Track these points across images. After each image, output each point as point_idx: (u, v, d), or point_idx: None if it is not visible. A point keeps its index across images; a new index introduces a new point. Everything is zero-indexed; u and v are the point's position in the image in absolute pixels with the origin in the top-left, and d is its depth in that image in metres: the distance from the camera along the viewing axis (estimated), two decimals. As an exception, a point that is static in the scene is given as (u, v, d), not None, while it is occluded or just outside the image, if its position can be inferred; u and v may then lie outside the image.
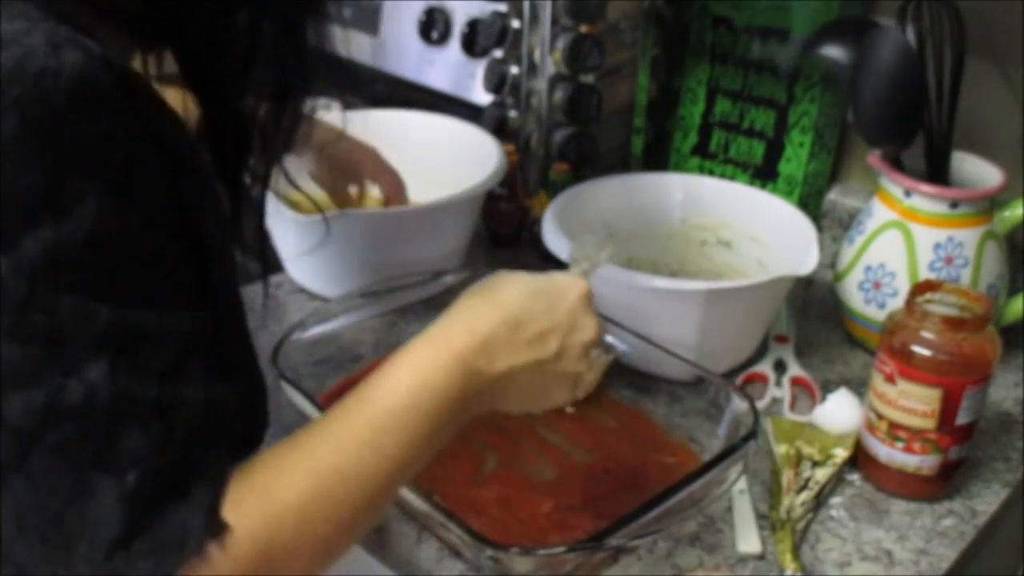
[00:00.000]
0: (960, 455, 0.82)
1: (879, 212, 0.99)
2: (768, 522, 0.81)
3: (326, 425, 0.58)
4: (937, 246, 0.95)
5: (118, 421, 0.48)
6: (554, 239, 0.96)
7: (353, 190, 1.09)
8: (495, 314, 0.64)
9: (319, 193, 1.10)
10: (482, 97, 1.23)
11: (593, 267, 0.74)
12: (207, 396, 0.52)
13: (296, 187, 0.70)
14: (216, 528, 0.50)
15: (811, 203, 1.20)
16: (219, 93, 0.60)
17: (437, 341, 0.62)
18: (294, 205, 0.96)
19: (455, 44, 1.32)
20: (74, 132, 0.45)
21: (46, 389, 0.46)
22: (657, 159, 1.31)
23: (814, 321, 1.09)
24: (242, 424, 0.56)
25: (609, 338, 0.95)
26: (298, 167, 0.98)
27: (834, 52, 0.98)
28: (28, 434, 0.46)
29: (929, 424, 0.80)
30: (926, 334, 0.79)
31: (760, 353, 1.01)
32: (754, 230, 1.07)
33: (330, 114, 1.13)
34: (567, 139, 1.16)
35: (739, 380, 0.98)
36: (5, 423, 0.46)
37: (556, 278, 0.69)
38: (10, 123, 0.44)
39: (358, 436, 0.57)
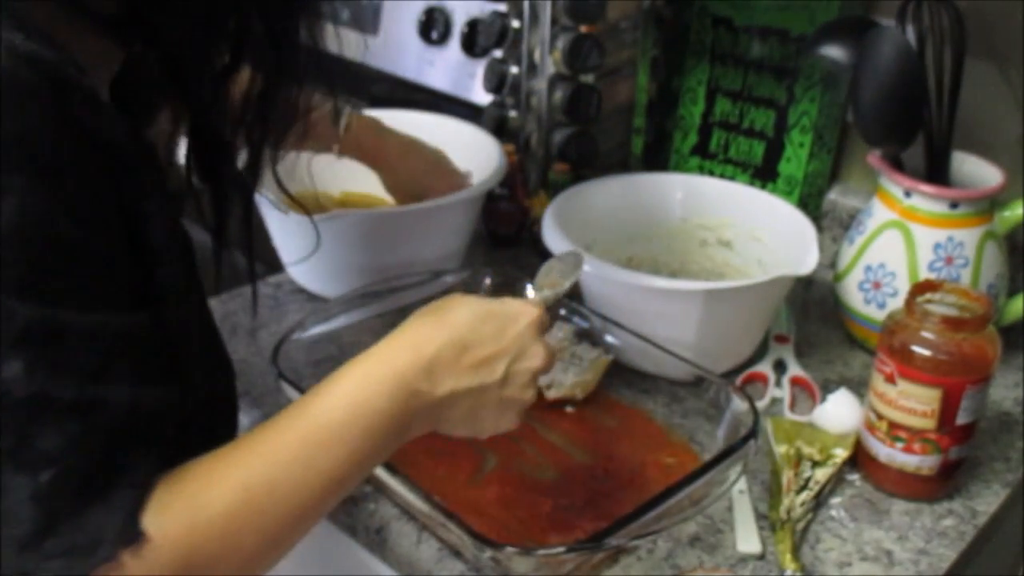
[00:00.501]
0: (960, 455, 0.82)
1: (879, 212, 0.99)
2: (768, 522, 0.81)
3: (261, 437, 0.56)
4: (937, 246, 0.96)
5: (33, 419, 0.47)
6: (554, 239, 0.96)
7: None
8: (442, 335, 0.63)
9: (320, 192, 1.10)
10: (482, 97, 1.23)
11: (555, 295, 0.73)
12: (132, 399, 0.51)
13: (282, 188, 0.70)
14: (133, 533, 0.50)
15: (811, 203, 1.20)
16: (199, 93, 0.60)
17: (380, 359, 0.61)
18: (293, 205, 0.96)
19: (455, 44, 1.32)
20: None
21: None
22: (657, 159, 1.31)
23: (814, 321, 1.09)
24: (174, 428, 0.54)
25: (609, 338, 0.95)
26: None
27: (834, 52, 0.98)
28: None
29: (929, 424, 0.80)
30: (926, 334, 0.79)
31: (760, 353, 1.01)
32: (754, 230, 1.07)
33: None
34: (567, 139, 1.16)
35: (739, 380, 0.98)
36: None
37: (508, 303, 0.67)
38: None
39: (291, 450, 0.56)
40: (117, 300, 0.51)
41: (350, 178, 1.12)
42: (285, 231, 1.05)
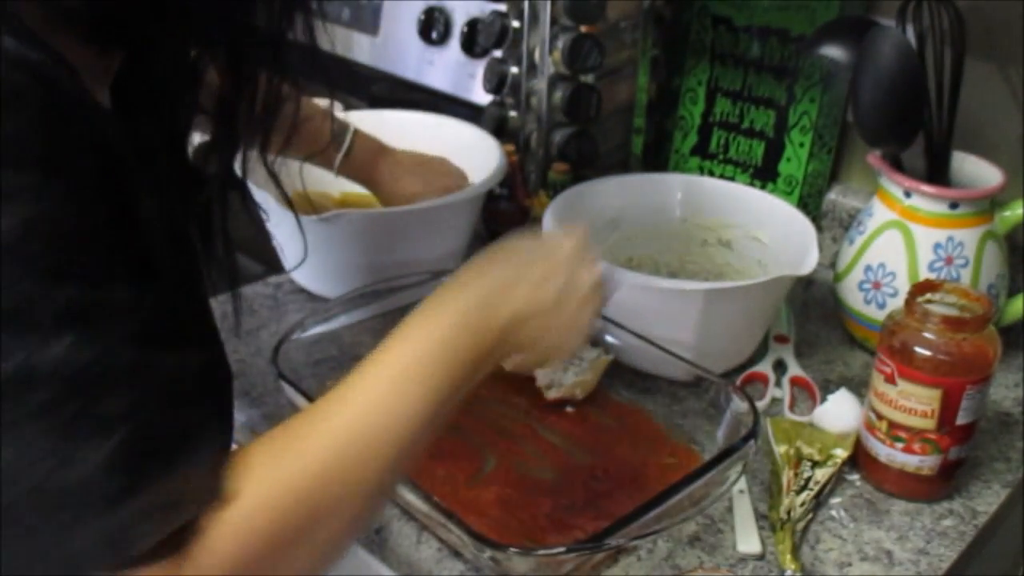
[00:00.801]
0: (960, 455, 0.82)
1: (879, 212, 0.99)
2: (768, 522, 0.81)
3: (344, 391, 0.57)
4: (937, 246, 0.96)
5: (92, 388, 0.48)
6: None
7: None
8: (496, 268, 0.67)
9: (319, 192, 1.10)
10: (482, 97, 1.23)
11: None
12: (181, 361, 0.52)
13: (277, 182, 0.69)
14: (216, 490, 0.51)
15: (811, 203, 1.20)
16: (181, 94, 0.60)
17: (444, 299, 0.64)
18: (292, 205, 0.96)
19: (455, 44, 1.32)
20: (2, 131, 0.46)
21: (14, 359, 0.46)
22: (657, 159, 1.31)
23: (814, 321, 1.09)
24: (229, 389, 0.56)
25: (609, 338, 0.95)
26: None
27: (834, 52, 0.98)
28: (2, 402, 0.46)
29: (929, 424, 0.80)
30: (926, 334, 0.79)
31: (760, 353, 1.01)
32: (754, 230, 1.07)
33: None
34: (567, 139, 1.16)
35: (739, 380, 0.98)
36: None
37: (549, 235, 0.71)
38: None
39: (377, 396, 0.57)
40: (138, 275, 0.52)
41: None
42: (284, 233, 1.05)
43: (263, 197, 0.88)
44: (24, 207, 0.46)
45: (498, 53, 1.17)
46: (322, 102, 1.03)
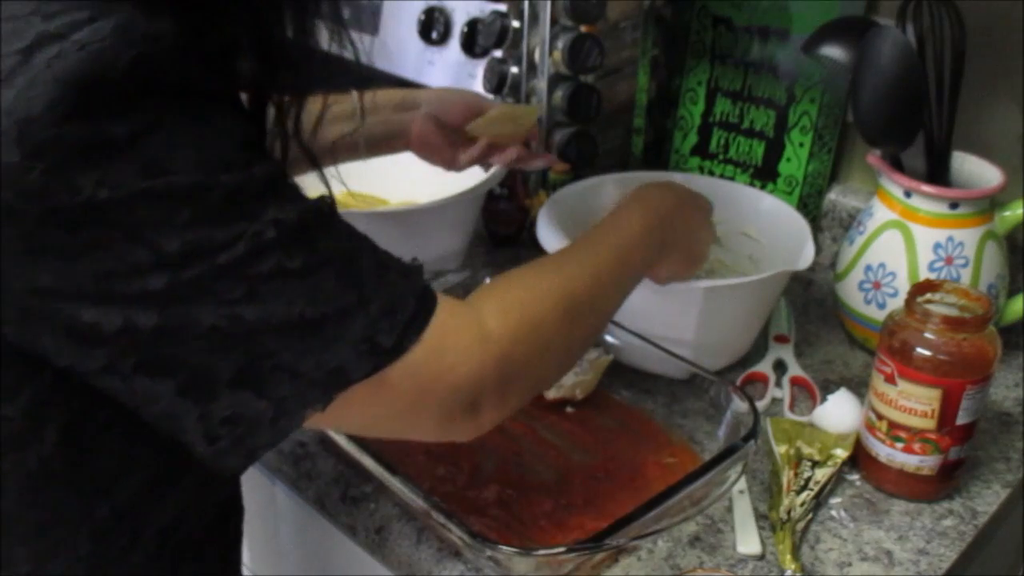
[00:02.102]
0: (960, 455, 0.82)
1: (879, 212, 0.99)
2: (768, 522, 0.81)
3: (573, 253, 0.74)
4: (937, 246, 0.96)
5: (305, 235, 0.56)
6: (549, 237, 0.96)
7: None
8: (673, 198, 0.85)
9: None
10: (482, 97, 1.23)
11: None
12: (331, 198, 0.61)
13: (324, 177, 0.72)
14: (431, 297, 0.61)
15: (811, 203, 1.20)
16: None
17: (644, 204, 0.81)
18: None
19: (455, 44, 1.32)
20: (175, 76, 0.53)
21: (242, 241, 0.53)
22: (657, 159, 1.31)
23: (814, 321, 1.09)
24: None
25: (609, 338, 0.95)
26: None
27: (834, 52, 0.98)
28: (243, 275, 0.53)
29: (929, 424, 0.80)
30: (926, 334, 0.79)
31: (760, 353, 1.01)
32: (745, 226, 1.07)
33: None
34: (567, 139, 1.16)
35: (739, 380, 0.98)
36: (221, 279, 0.53)
37: (695, 191, 0.89)
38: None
39: (602, 262, 0.73)
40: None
41: (351, 178, 1.12)
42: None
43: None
44: (209, 126, 0.53)
45: (498, 53, 1.17)
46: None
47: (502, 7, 1.16)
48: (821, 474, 0.84)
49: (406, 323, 0.59)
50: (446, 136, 1.00)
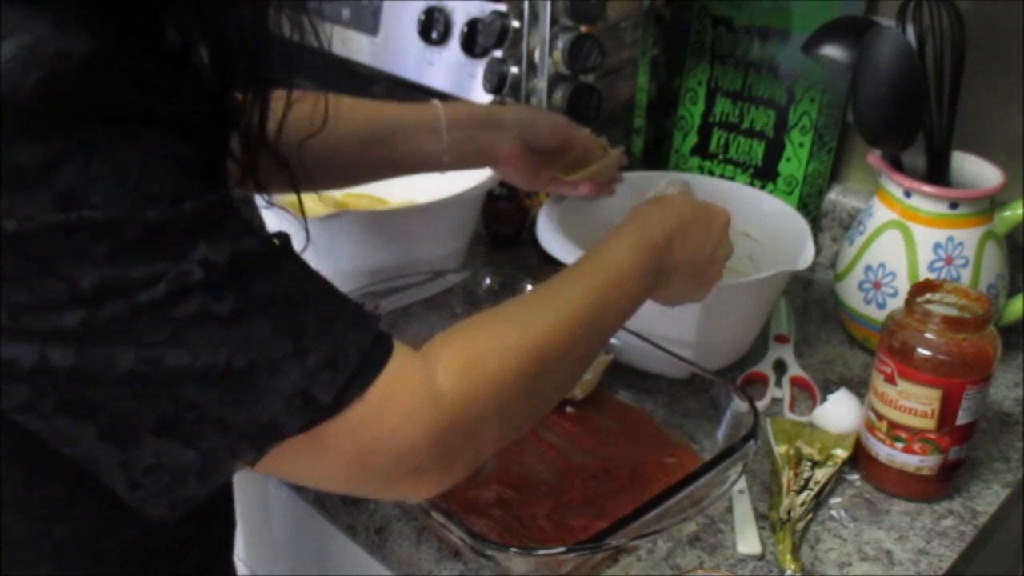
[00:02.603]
0: (960, 455, 0.82)
1: (879, 212, 0.99)
2: (768, 522, 0.81)
3: (555, 289, 0.69)
4: (937, 246, 0.96)
5: (239, 277, 0.52)
6: (548, 237, 0.96)
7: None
8: (673, 219, 0.78)
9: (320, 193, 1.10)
10: (482, 97, 1.23)
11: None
12: (282, 237, 0.58)
13: (261, 188, 0.69)
14: (386, 345, 0.57)
15: (811, 203, 1.20)
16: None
17: (641, 229, 0.75)
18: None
19: (455, 44, 1.32)
20: (90, 98, 0.49)
21: (165, 280, 0.50)
22: (657, 159, 1.31)
23: (814, 321, 1.09)
24: None
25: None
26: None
27: (834, 52, 0.98)
28: (165, 317, 0.50)
29: (929, 424, 0.80)
30: (926, 334, 0.79)
31: (760, 353, 1.01)
32: (744, 226, 1.07)
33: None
34: (567, 139, 1.16)
35: (739, 380, 0.98)
36: (141, 319, 0.50)
37: (710, 205, 0.84)
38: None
39: (583, 307, 0.67)
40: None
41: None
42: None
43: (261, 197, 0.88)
44: (132, 152, 0.50)
45: (498, 53, 1.17)
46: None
47: (502, 7, 1.16)
48: (821, 474, 0.84)
49: (348, 378, 0.55)
50: (533, 159, 0.98)
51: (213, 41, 0.59)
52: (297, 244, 0.61)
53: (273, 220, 0.94)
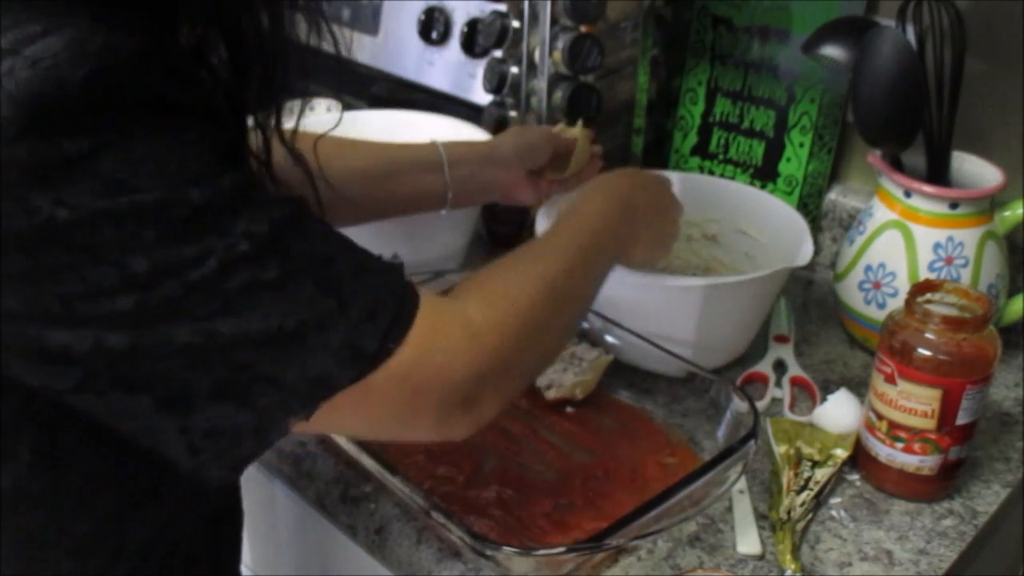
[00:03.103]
0: (960, 455, 0.82)
1: (879, 212, 0.99)
2: (768, 522, 0.81)
3: (544, 245, 0.74)
4: (937, 246, 0.96)
5: (279, 246, 0.54)
6: None
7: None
8: (628, 179, 0.86)
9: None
10: (482, 97, 1.23)
11: None
12: (301, 198, 0.59)
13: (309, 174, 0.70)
14: (413, 296, 0.60)
15: (811, 203, 1.20)
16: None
17: (607, 190, 0.83)
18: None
19: (455, 44, 1.32)
20: (134, 88, 0.51)
21: (214, 256, 0.52)
22: (657, 159, 1.31)
23: (814, 321, 1.09)
24: None
25: (609, 338, 0.95)
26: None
27: (834, 52, 0.98)
28: (217, 290, 0.52)
29: (929, 424, 0.80)
30: (926, 334, 0.79)
31: (760, 353, 1.01)
32: (741, 224, 1.07)
33: (328, 114, 1.13)
34: (567, 139, 1.16)
35: (739, 380, 0.98)
36: (194, 295, 0.51)
37: (652, 171, 0.92)
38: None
39: (571, 252, 0.72)
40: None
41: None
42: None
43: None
44: (172, 138, 0.52)
45: (498, 53, 1.17)
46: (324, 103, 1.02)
47: (502, 7, 1.16)
48: (821, 474, 0.84)
49: (388, 326, 0.57)
50: (533, 178, 1.01)
51: (230, 41, 0.60)
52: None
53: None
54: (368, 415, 0.60)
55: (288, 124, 0.65)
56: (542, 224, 0.98)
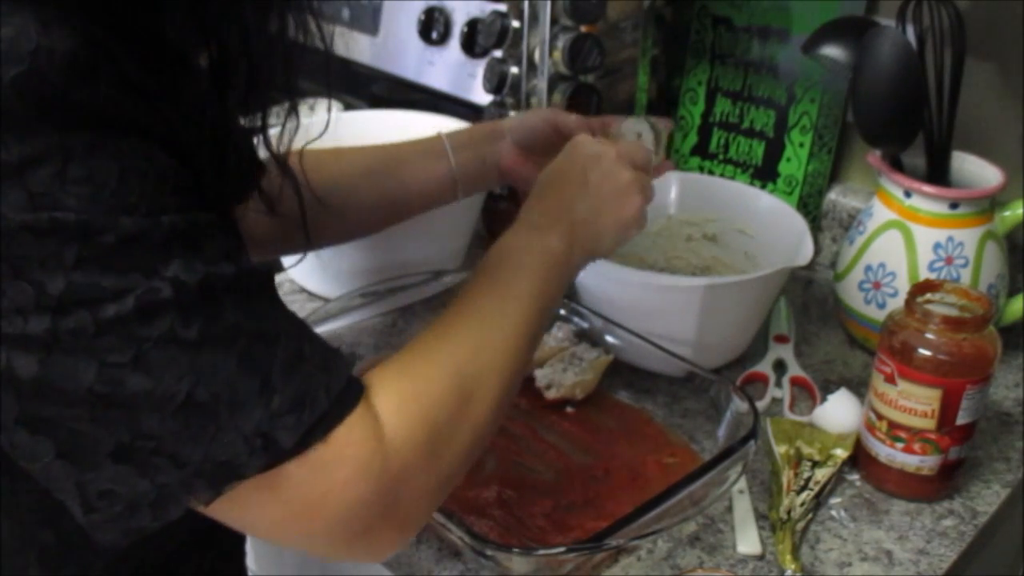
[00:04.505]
0: (960, 455, 0.82)
1: (879, 212, 0.99)
2: (768, 522, 0.81)
3: (456, 310, 0.65)
4: (937, 246, 0.96)
5: (210, 302, 0.51)
6: None
7: None
8: (569, 178, 0.76)
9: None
10: (482, 97, 1.23)
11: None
12: (266, 268, 0.56)
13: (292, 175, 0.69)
14: (355, 387, 0.56)
15: (811, 203, 1.20)
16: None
17: (539, 204, 0.75)
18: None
19: (455, 44, 1.32)
20: (73, 100, 0.47)
21: (134, 295, 0.48)
22: (657, 159, 1.31)
23: (814, 321, 1.09)
24: None
25: (609, 338, 0.95)
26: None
27: (834, 52, 0.98)
28: (130, 336, 0.48)
29: (929, 424, 0.80)
30: (926, 334, 0.79)
31: (760, 353, 1.01)
32: (740, 224, 1.07)
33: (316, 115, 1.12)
34: (567, 139, 1.16)
35: (739, 380, 0.98)
36: (106, 335, 0.48)
37: (577, 149, 0.78)
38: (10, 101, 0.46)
39: (485, 311, 0.65)
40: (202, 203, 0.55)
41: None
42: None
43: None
44: (111, 161, 0.48)
45: (498, 53, 1.17)
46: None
47: (502, 7, 1.16)
48: (821, 474, 0.84)
49: (312, 423, 0.53)
50: (535, 160, 0.92)
51: (213, 46, 0.58)
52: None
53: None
54: (267, 511, 0.54)
55: (276, 131, 0.64)
56: None
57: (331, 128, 0.81)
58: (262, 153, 0.67)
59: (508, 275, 0.68)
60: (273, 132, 0.65)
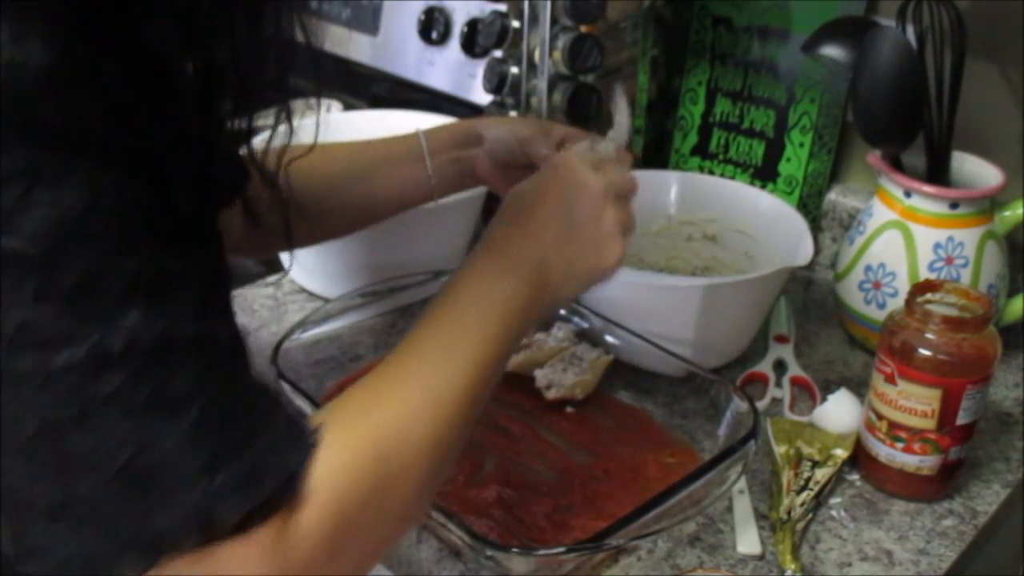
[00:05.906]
0: (960, 455, 0.82)
1: (879, 212, 0.99)
2: (768, 522, 0.81)
3: (407, 347, 0.60)
4: (937, 246, 0.96)
5: (163, 362, 0.48)
6: None
7: None
8: (505, 212, 0.69)
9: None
10: (482, 97, 1.23)
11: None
12: (235, 332, 0.53)
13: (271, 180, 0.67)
14: (305, 449, 0.52)
15: (811, 203, 1.20)
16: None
17: (477, 265, 0.66)
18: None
19: (455, 44, 1.32)
20: (46, 118, 0.45)
21: (87, 343, 0.46)
22: (657, 159, 1.31)
23: (814, 321, 1.09)
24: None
25: (609, 338, 0.95)
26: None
27: (834, 52, 0.98)
28: (77, 389, 0.46)
29: (929, 424, 0.80)
30: (926, 334, 0.79)
31: (760, 353, 1.01)
32: (740, 224, 1.07)
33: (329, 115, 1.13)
34: (567, 139, 1.16)
35: (739, 380, 0.98)
36: (53, 385, 0.46)
37: (573, 177, 0.70)
38: None
39: (435, 352, 0.60)
40: (189, 249, 0.52)
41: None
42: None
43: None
44: (80, 189, 0.46)
45: (498, 53, 1.17)
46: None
47: (502, 7, 1.16)
48: (821, 474, 0.84)
49: (260, 503, 0.50)
50: (509, 174, 0.87)
51: (200, 55, 0.56)
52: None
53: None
54: None
55: (264, 142, 0.62)
56: None
57: (331, 128, 0.81)
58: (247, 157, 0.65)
59: (454, 330, 0.61)
60: (261, 139, 0.63)
